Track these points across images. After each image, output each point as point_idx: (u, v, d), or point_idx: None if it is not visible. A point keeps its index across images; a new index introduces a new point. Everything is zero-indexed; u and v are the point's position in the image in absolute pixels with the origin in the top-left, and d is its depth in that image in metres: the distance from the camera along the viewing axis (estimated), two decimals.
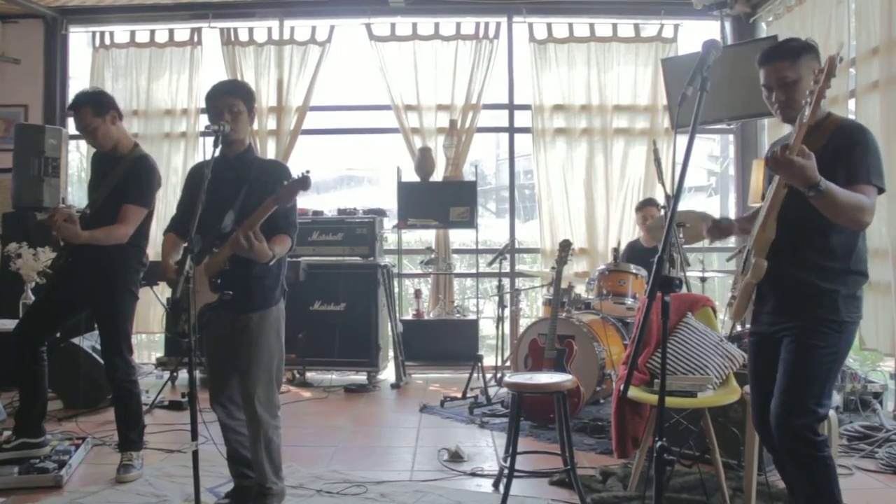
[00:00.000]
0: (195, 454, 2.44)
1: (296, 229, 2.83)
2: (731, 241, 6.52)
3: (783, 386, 2.24)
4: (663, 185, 4.50)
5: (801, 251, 2.27)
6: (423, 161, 6.07)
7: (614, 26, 6.23)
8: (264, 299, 2.80)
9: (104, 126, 3.39)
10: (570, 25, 6.22)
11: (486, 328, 6.59)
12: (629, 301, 4.76)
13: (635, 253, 5.31)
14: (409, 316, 6.07)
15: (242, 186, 2.76)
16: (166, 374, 5.29)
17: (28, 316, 3.63)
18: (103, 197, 3.40)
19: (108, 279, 3.39)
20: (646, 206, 5.43)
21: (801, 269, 2.27)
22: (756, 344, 2.46)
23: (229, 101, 2.75)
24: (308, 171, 2.59)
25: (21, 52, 6.34)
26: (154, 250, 4.26)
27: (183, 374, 5.11)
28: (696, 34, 6.29)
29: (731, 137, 6.64)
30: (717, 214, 7.27)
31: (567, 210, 6.18)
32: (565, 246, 4.32)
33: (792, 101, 2.29)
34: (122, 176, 3.39)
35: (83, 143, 6.13)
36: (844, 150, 2.20)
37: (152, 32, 6.39)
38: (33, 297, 4.61)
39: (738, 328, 4.02)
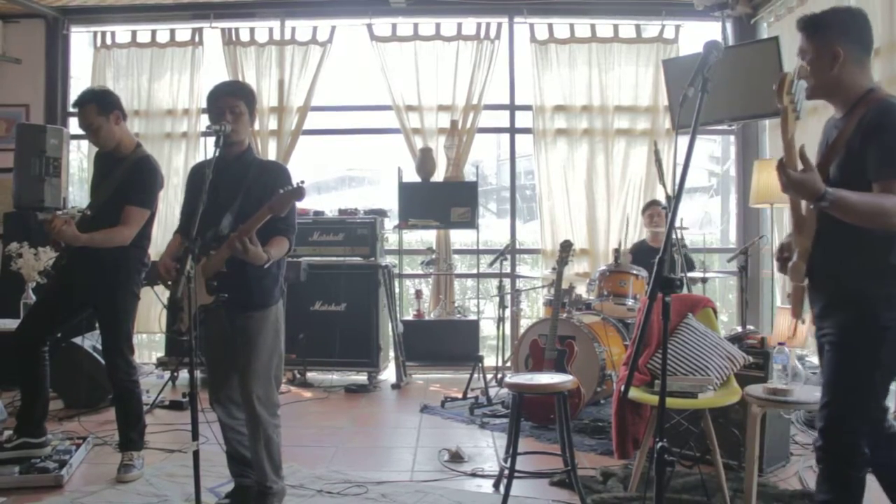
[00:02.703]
0: (196, 454, 2.45)
1: (294, 231, 2.83)
2: (732, 242, 6.53)
3: (825, 400, 2.12)
4: (664, 185, 4.50)
5: (835, 247, 2.10)
6: (424, 161, 6.07)
7: (615, 27, 6.22)
8: (263, 299, 2.81)
9: (107, 125, 3.39)
10: (572, 26, 6.22)
11: (487, 329, 6.58)
12: (630, 302, 4.75)
13: (642, 252, 5.31)
14: (409, 316, 6.06)
15: (241, 188, 2.77)
16: (167, 374, 5.29)
17: (29, 316, 3.64)
18: (105, 197, 3.40)
19: (109, 279, 3.39)
20: (652, 205, 5.47)
21: (837, 266, 2.11)
22: (820, 351, 2.26)
23: (231, 102, 2.75)
24: (303, 182, 2.62)
25: (22, 51, 6.33)
26: (155, 250, 4.26)
27: (183, 374, 5.11)
28: (698, 35, 6.29)
29: (732, 138, 6.63)
30: (719, 216, 7.26)
31: (568, 211, 6.18)
32: (566, 246, 4.33)
33: (811, 81, 2.12)
34: (125, 177, 3.40)
35: (84, 143, 6.12)
36: (873, 134, 2.01)
37: (153, 32, 6.38)
38: (34, 297, 4.60)
39: (739, 329, 4.03)
